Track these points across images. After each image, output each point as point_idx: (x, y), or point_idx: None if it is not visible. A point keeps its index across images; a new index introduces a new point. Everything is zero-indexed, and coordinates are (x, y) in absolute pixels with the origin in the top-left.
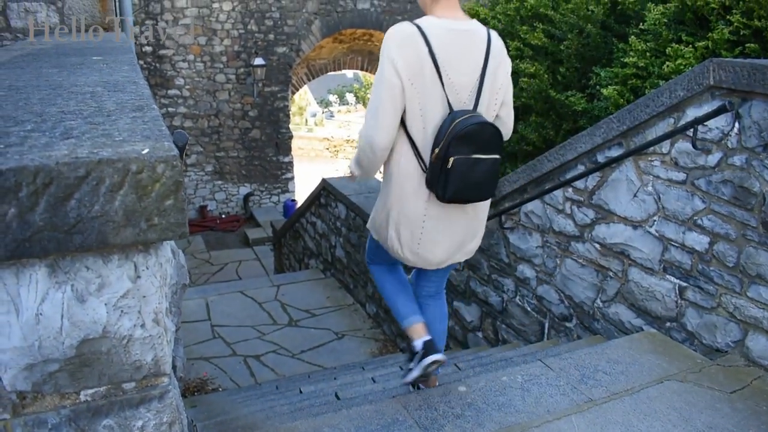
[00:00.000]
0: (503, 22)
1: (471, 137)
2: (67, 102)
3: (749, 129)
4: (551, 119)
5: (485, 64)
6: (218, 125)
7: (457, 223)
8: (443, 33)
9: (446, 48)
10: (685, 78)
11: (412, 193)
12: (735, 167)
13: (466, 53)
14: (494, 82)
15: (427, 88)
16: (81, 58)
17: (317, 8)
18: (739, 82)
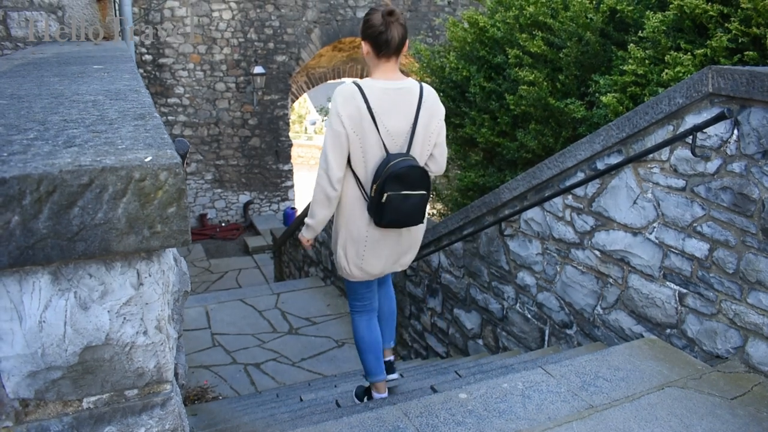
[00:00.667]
0: (502, 30)
1: (402, 177)
2: (70, 110)
3: (748, 136)
4: (551, 127)
5: (417, 114)
6: (218, 133)
7: (393, 242)
8: (379, 91)
9: (381, 103)
10: (684, 85)
11: (356, 219)
12: (734, 174)
13: (399, 106)
14: (427, 127)
15: (366, 135)
16: (82, 66)
17: (317, 17)
18: (738, 90)
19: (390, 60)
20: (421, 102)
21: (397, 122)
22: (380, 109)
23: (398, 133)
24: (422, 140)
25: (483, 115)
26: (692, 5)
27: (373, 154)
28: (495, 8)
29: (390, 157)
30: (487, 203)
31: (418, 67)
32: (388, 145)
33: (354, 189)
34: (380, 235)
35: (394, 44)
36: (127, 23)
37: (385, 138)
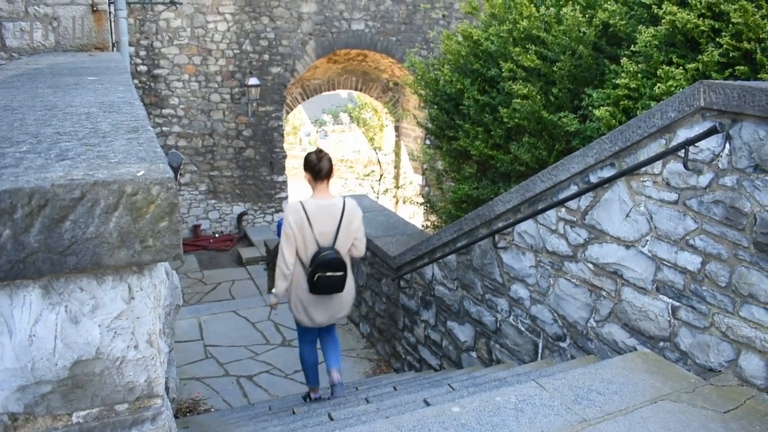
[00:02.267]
0: (496, 44)
1: (327, 264)
2: (63, 123)
3: (740, 150)
4: (544, 140)
5: (340, 221)
6: (212, 144)
7: (327, 304)
8: (314, 206)
9: (316, 214)
10: (676, 99)
11: (301, 287)
12: (726, 188)
13: (328, 216)
14: (348, 228)
15: (306, 235)
16: (76, 78)
17: (312, 29)
18: (729, 104)
19: (323, 182)
20: (343, 212)
21: (326, 227)
22: (315, 218)
23: (327, 234)
24: (344, 237)
25: (477, 127)
26: (684, 20)
27: (310, 248)
28: (489, 22)
29: (320, 249)
30: (481, 216)
31: (412, 80)
32: (320, 241)
33: (300, 268)
34: (316, 299)
35: (324, 173)
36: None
37: (318, 237)
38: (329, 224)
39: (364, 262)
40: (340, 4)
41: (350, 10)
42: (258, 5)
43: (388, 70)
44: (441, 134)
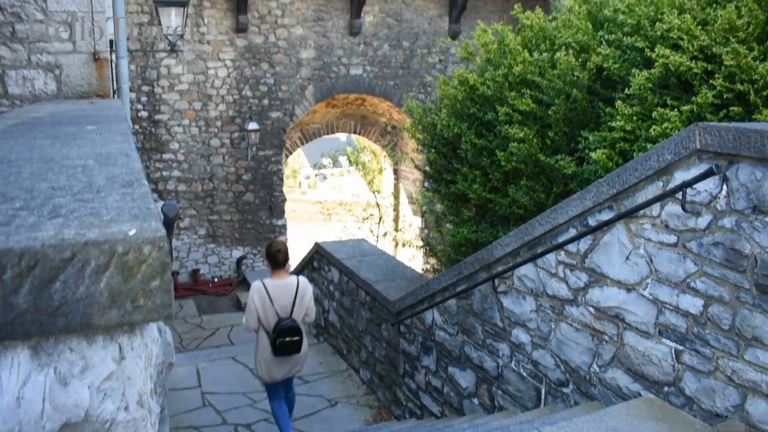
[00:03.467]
0: (492, 89)
1: (287, 331)
2: (58, 176)
3: (737, 191)
4: (542, 183)
5: (296, 296)
6: (212, 189)
7: (285, 362)
8: (273, 285)
9: (275, 291)
10: (672, 142)
11: (265, 350)
12: (725, 229)
13: (285, 293)
14: (302, 301)
15: (267, 309)
16: (75, 127)
17: (311, 74)
18: (725, 146)
19: (281, 269)
20: (298, 289)
21: (284, 301)
22: (274, 295)
23: (285, 306)
24: (299, 308)
25: (475, 171)
26: (677, 63)
27: (272, 318)
28: (484, 67)
29: (280, 320)
30: (480, 259)
31: (409, 124)
32: (280, 313)
33: (263, 334)
34: (278, 359)
35: (281, 262)
36: (123, 81)
37: (278, 309)
38: (287, 299)
39: (364, 306)
40: (339, 50)
41: (348, 55)
42: (258, 52)
43: (386, 113)
44: (439, 178)
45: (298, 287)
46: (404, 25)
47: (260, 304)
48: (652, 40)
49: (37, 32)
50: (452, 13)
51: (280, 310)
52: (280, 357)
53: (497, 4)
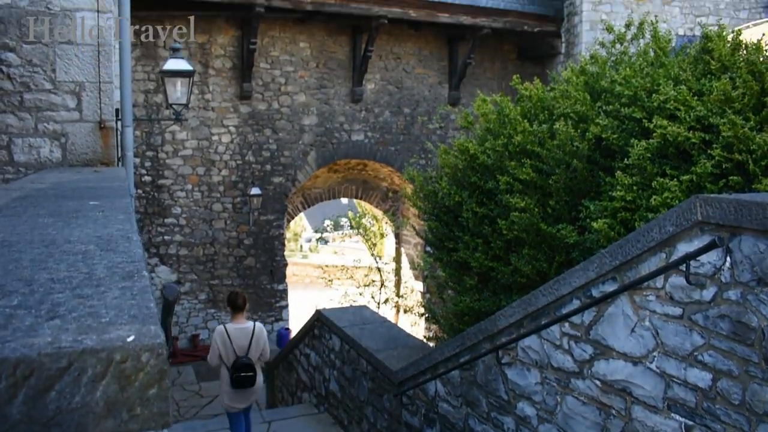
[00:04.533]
0: (492, 158)
1: (242, 367)
2: (58, 266)
3: (741, 264)
4: (544, 251)
5: (252, 338)
6: (213, 253)
7: (243, 394)
8: (233, 329)
9: (234, 334)
10: (674, 214)
11: (226, 383)
12: (731, 302)
13: (243, 335)
14: (257, 343)
15: (228, 349)
16: (78, 202)
17: (313, 140)
18: (726, 218)
19: (240, 314)
20: (254, 332)
21: (242, 342)
22: (234, 337)
23: (243, 347)
24: (255, 349)
25: (476, 239)
26: (675, 133)
27: (231, 357)
28: (484, 136)
29: (238, 358)
30: (483, 330)
31: (411, 192)
32: (238, 352)
33: (225, 370)
34: (236, 391)
35: (240, 306)
36: (127, 149)
37: (236, 349)
38: (244, 340)
39: (366, 377)
40: (341, 117)
41: (350, 122)
42: (261, 118)
43: (387, 178)
44: (441, 246)
45: (254, 331)
46: (405, 92)
47: (222, 344)
48: (650, 110)
49: (45, 101)
50: (452, 81)
51: (238, 350)
52: (238, 389)
53: (495, 72)
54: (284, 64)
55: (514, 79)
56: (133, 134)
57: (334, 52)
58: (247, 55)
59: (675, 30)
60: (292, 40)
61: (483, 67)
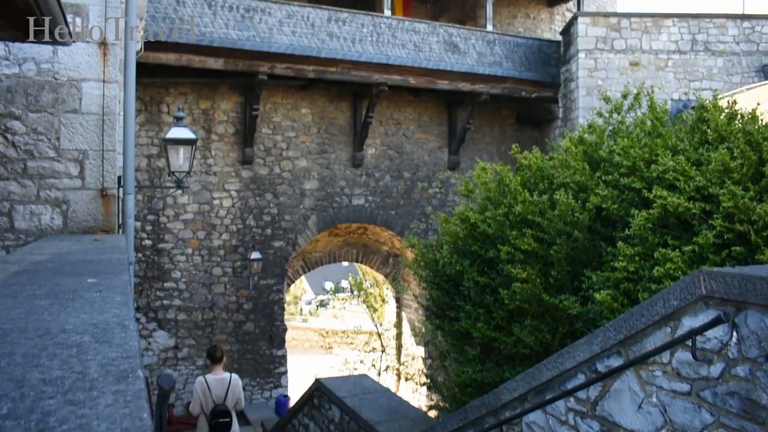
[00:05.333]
0: (493, 227)
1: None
2: (51, 362)
3: (748, 339)
4: (546, 322)
5: (228, 388)
6: (212, 318)
7: None
8: (212, 379)
9: (213, 384)
10: (677, 287)
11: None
12: (739, 378)
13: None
14: (234, 392)
15: (206, 397)
16: (76, 279)
17: (314, 204)
18: (731, 292)
19: (218, 366)
20: (230, 383)
21: (220, 392)
22: (212, 387)
23: (220, 396)
24: (231, 397)
25: (478, 309)
26: (675, 204)
27: (210, 405)
28: (484, 205)
29: (216, 405)
30: (487, 404)
31: (411, 260)
32: (216, 401)
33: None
34: None
35: (218, 358)
36: (128, 216)
37: (214, 398)
38: (222, 390)
39: None
40: (341, 181)
41: (351, 186)
42: (263, 183)
43: (388, 242)
44: (442, 315)
45: (231, 382)
46: (405, 156)
47: (202, 394)
48: (649, 180)
49: (48, 169)
50: (451, 145)
51: (216, 399)
52: None
53: (494, 136)
54: (286, 129)
55: (514, 148)
56: (134, 201)
57: (335, 118)
58: (249, 121)
59: (670, 94)
60: (294, 106)
61: (482, 132)
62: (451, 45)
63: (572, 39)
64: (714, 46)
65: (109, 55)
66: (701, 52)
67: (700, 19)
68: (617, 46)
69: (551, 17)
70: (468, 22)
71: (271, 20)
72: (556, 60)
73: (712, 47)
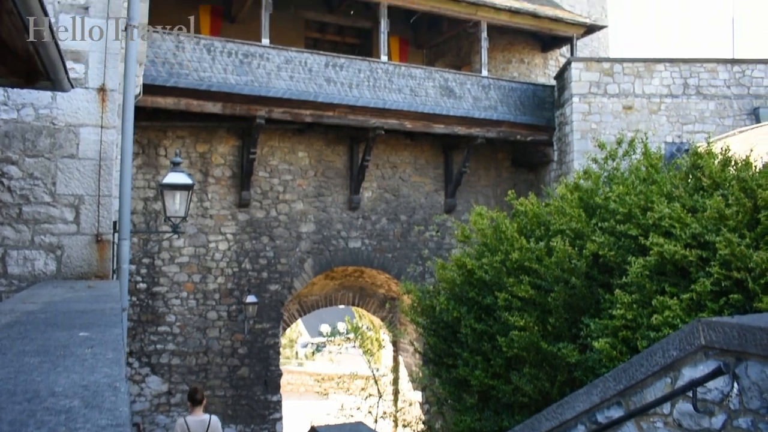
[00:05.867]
0: (490, 274)
1: None
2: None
3: (749, 390)
4: (545, 370)
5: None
6: (206, 363)
7: None
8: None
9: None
10: (676, 338)
11: None
12: (741, 430)
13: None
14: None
15: None
16: (68, 333)
17: (310, 247)
18: (730, 343)
19: (199, 407)
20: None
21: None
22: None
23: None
24: None
25: (476, 356)
26: (671, 251)
27: None
28: (481, 251)
29: None
30: None
31: (408, 306)
32: None
33: None
34: None
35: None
36: (123, 261)
37: None
38: (201, 425)
39: None
40: (338, 224)
41: (347, 229)
42: (259, 225)
43: (384, 285)
44: (439, 361)
45: (210, 423)
46: (401, 199)
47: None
48: (645, 227)
49: (43, 214)
50: (447, 188)
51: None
52: None
53: (490, 179)
54: (283, 172)
55: (510, 194)
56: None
57: (331, 161)
58: (246, 164)
59: (663, 137)
60: (291, 149)
61: (478, 175)
62: (447, 90)
63: (566, 83)
64: (705, 90)
65: (107, 101)
66: (693, 95)
67: (691, 64)
68: (610, 90)
69: (545, 62)
70: (463, 67)
71: (269, 65)
72: (550, 104)
73: (703, 91)
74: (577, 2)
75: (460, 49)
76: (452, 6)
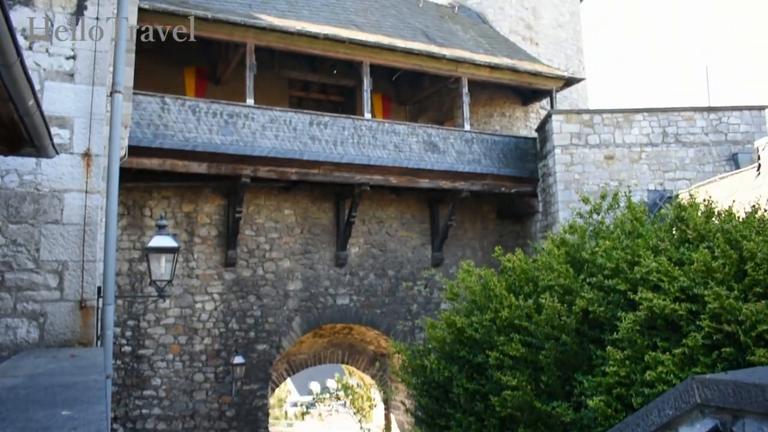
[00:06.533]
0: (480, 332)
1: None
2: None
3: None
4: (540, 430)
5: None
6: (193, 427)
7: None
8: None
9: None
10: (671, 396)
11: None
12: None
13: None
14: None
15: None
16: (50, 413)
17: (298, 305)
18: (726, 401)
19: None
20: None
21: None
22: None
23: None
24: None
25: (469, 417)
26: (661, 306)
27: None
28: (470, 308)
29: None
30: None
31: (399, 365)
32: None
33: None
34: None
35: None
36: (107, 328)
37: None
38: None
39: None
40: (326, 281)
41: (335, 285)
42: (246, 285)
43: (374, 341)
44: (432, 423)
45: None
46: (389, 254)
47: None
48: (633, 282)
49: (26, 281)
50: (434, 242)
51: None
52: None
53: (476, 232)
54: (269, 230)
55: (497, 251)
56: (114, 311)
57: (318, 218)
58: (232, 223)
59: (645, 185)
60: (277, 207)
61: (464, 228)
62: (431, 144)
63: (548, 135)
64: (684, 138)
65: (92, 166)
66: (672, 143)
67: (669, 113)
68: (591, 141)
69: (526, 115)
70: (446, 122)
71: (254, 125)
72: (533, 156)
73: (682, 139)
74: (554, 56)
75: (442, 105)
76: (433, 63)
